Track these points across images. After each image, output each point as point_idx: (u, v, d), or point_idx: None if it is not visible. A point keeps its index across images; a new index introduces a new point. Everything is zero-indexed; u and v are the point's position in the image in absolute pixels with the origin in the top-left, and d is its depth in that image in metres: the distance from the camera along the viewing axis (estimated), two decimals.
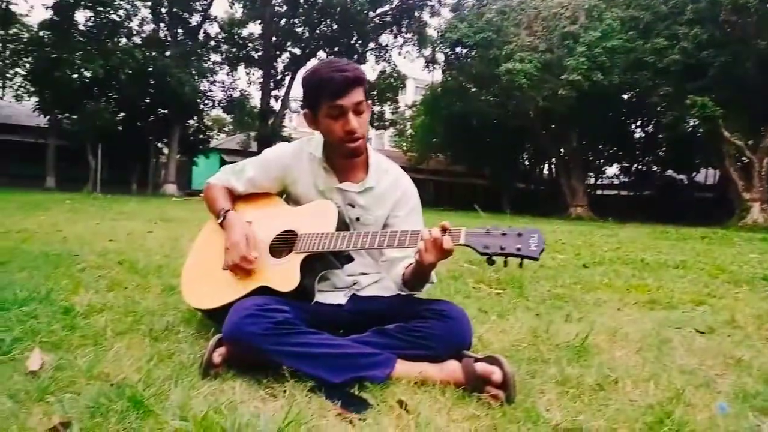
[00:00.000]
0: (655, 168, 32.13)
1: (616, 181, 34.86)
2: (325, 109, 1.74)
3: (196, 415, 1.17)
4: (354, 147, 1.79)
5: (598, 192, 34.20)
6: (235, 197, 2.01)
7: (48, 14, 23.27)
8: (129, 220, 7.61)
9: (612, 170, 34.80)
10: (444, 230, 1.53)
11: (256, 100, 29.77)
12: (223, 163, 29.44)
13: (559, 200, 26.37)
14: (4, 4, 22.00)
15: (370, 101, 1.83)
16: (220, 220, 1.88)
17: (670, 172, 31.58)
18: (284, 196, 2.03)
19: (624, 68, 19.59)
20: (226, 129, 40.43)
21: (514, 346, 2.00)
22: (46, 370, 1.46)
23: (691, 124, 20.96)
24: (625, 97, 23.59)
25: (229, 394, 1.38)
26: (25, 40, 23.60)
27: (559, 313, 2.66)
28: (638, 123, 28.46)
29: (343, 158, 1.85)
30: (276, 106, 29.51)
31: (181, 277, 1.94)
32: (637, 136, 29.77)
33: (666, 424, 1.31)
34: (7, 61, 24.54)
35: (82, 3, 23.19)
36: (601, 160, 31.83)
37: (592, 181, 32.06)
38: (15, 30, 23.30)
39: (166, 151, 27.83)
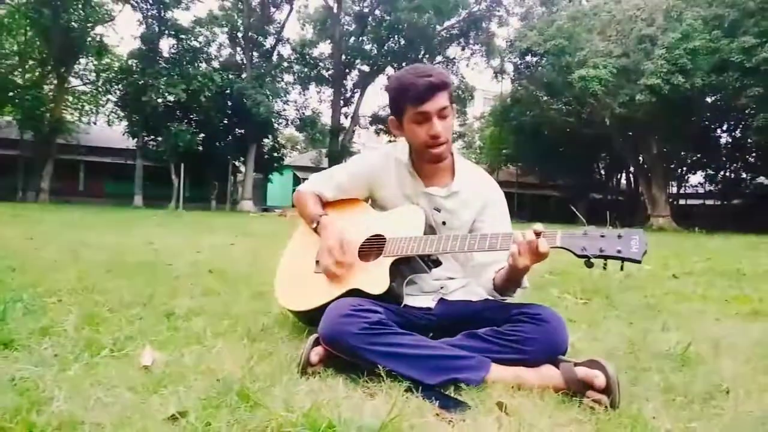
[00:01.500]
0: (744, 175, 30.06)
1: (701, 190, 32.94)
2: (409, 115, 1.76)
3: (302, 408, 1.21)
4: (439, 152, 1.80)
5: (682, 201, 32.47)
6: (324, 203, 2.06)
7: (136, 44, 25.10)
8: (212, 234, 7.98)
9: (696, 178, 32.94)
10: (537, 234, 1.50)
11: (326, 117, 30.59)
12: (296, 180, 30.40)
13: (638, 211, 25.23)
14: (99, 37, 23.86)
15: (455, 105, 1.84)
16: (314, 225, 1.93)
17: (761, 179, 29.43)
18: (370, 201, 2.06)
19: (707, 70, 18.53)
20: (299, 147, 41.74)
21: (610, 354, 1.92)
22: (157, 366, 1.55)
23: None
24: (709, 100, 22.29)
25: (328, 391, 1.41)
26: (116, 69, 25.48)
27: (654, 323, 2.54)
28: (724, 127, 26.75)
29: (429, 163, 1.87)
30: (346, 122, 30.15)
31: (275, 280, 2.01)
32: (723, 141, 27.98)
33: None
34: (101, 89, 26.57)
35: (166, 32, 24.83)
36: (684, 168, 30.15)
37: (674, 190, 30.46)
38: (107, 60, 25.21)
39: (243, 169, 29.07)
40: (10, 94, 22.71)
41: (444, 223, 1.90)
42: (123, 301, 2.40)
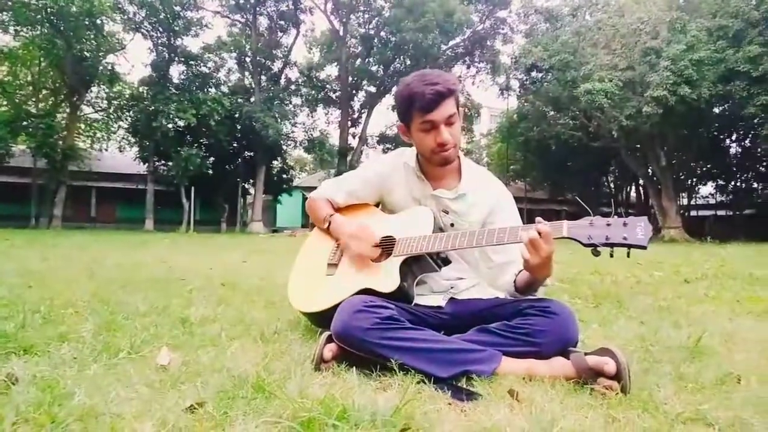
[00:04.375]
0: (755, 184, 29.85)
1: (711, 201, 32.72)
2: (417, 122, 1.80)
3: (317, 397, 1.23)
4: (446, 155, 1.84)
5: (693, 213, 32.23)
6: (336, 209, 2.11)
7: (147, 71, 25.58)
8: (223, 253, 8.04)
9: (707, 189, 32.75)
10: (540, 231, 1.52)
11: (334, 138, 30.83)
12: (305, 201, 30.54)
13: (649, 223, 25.05)
14: (111, 65, 24.35)
15: (462, 108, 1.88)
16: (326, 225, 1.97)
17: None
18: (380, 206, 2.10)
19: (714, 80, 18.55)
20: (308, 168, 42.02)
21: (622, 349, 1.92)
22: (174, 365, 1.59)
23: None
24: (717, 110, 22.29)
25: (342, 384, 1.43)
26: (127, 96, 25.94)
27: (665, 321, 2.54)
28: (733, 137, 26.67)
29: (436, 166, 1.90)
30: (354, 143, 30.37)
31: (288, 284, 2.05)
32: (732, 151, 27.87)
33: None
34: (112, 116, 27.02)
35: (176, 59, 25.30)
36: (694, 179, 30.01)
37: (684, 201, 30.26)
38: (118, 88, 25.68)
39: (252, 191, 29.28)
40: (24, 123, 23.12)
41: (452, 224, 1.92)
42: (138, 311, 2.45)
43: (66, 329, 1.99)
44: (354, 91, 30.57)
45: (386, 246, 1.86)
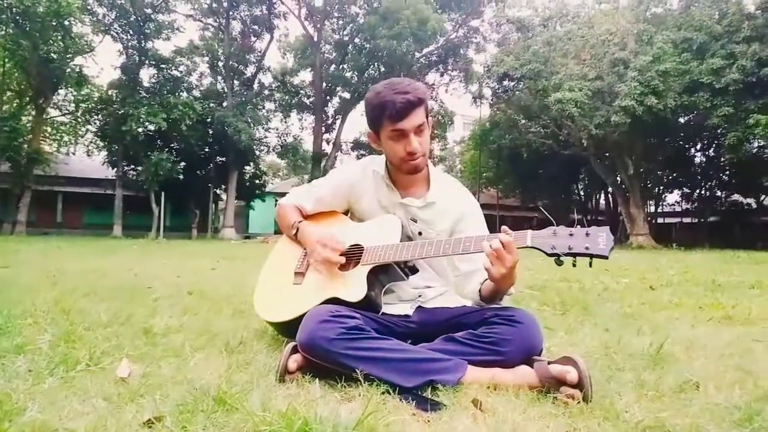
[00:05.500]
0: (719, 193, 30.77)
1: (678, 208, 33.56)
2: (387, 131, 1.80)
3: (279, 409, 1.21)
4: (415, 164, 1.84)
5: (660, 220, 32.99)
6: (304, 216, 2.09)
7: (116, 74, 25.12)
8: (193, 260, 7.91)
9: (673, 197, 33.57)
10: (504, 241, 1.53)
11: (308, 144, 30.73)
12: None
13: (618, 230, 25.59)
14: (78, 68, 23.81)
15: (431, 117, 1.89)
16: (294, 231, 1.96)
17: (736, 196, 30.15)
18: (349, 214, 2.09)
19: (679, 91, 19.08)
20: (281, 173, 41.73)
21: (585, 357, 1.94)
22: (134, 377, 1.55)
23: (755, 144, 20.08)
24: (682, 120, 22.90)
25: (305, 395, 1.41)
26: (95, 99, 25.39)
27: (629, 329, 2.58)
28: (698, 146, 27.46)
29: (405, 174, 1.91)
30: (328, 149, 30.30)
31: (255, 293, 2.02)
32: (697, 160, 28.70)
33: (756, 422, 1.26)
34: (80, 120, 26.41)
35: (147, 62, 24.90)
36: (661, 187, 30.74)
37: (652, 209, 30.97)
38: (87, 90, 25.12)
39: (224, 197, 28.93)
40: None
41: (420, 233, 1.93)
42: (100, 321, 2.38)
43: (23, 340, 1.92)
44: (328, 97, 30.53)
45: (354, 254, 1.86)
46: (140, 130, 23.39)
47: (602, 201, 34.21)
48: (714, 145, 25.56)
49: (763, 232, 26.49)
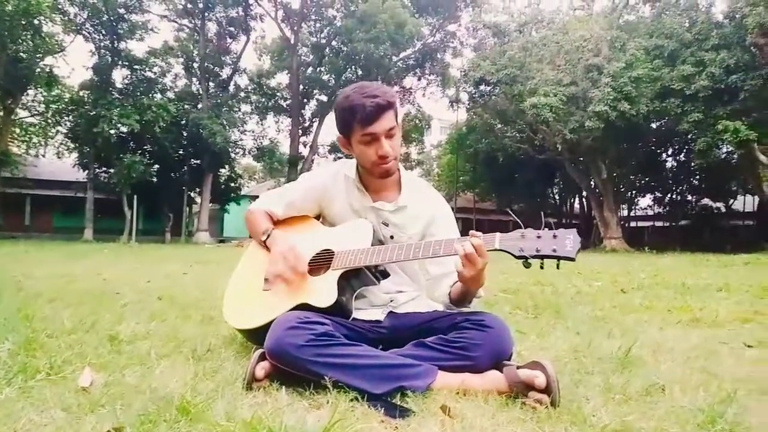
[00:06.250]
0: (689, 197, 31.51)
1: (650, 212, 34.26)
2: (357, 135, 1.79)
3: (244, 418, 1.19)
4: (387, 167, 1.83)
5: (633, 224, 33.59)
6: (275, 221, 2.06)
7: (88, 75, 24.63)
8: (165, 264, 7.78)
9: (645, 201, 34.26)
10: (475, 243, 1.54)
11: (285, 147, 30.56)
12: None
13: (592, 233, 25.99)
14: (49, 68, 23.29)
15: (401, 120, 1.88)
16: (264, 238, 1.93)
17: (706, 200, 30.93)
18: (320, 218, 2.07)
19: (651, 97, 19.48)
20: (257, 176, 41.38)
21: (555, 361, 1.96)
22: (96, 387, 1.50)
23: (724, 150, 20.59)
24: (654, 125, 23.38)
25: (273, 403, 1.39)
26: (66, 100, 24.84)
27: (600, 332, 2.61)
28: (669, 152, 28.07)
29: (377, 178, 1.89)
30: (305, 152, 30.17)
31: (224, 300, 1.98)
32: (668, 165, 29.33)
33: (719, 424, 1.27)
34: (50, 121, 25.81)
35: (120, 63, 24.47)
36: (634, 191, 31.38)
37: (625, 212, 31.54)
38: (57, 91, 24.57)
39: (198, 200, 28.56)
40: None
41: (392, 237, 1.92)
42: (64, 328, 2.31)
43: None
44: (305, 100, 30.42)
45: (324, 259, 1.84)
46: (112, 131, 22.98)
47: (577, 205, 34.71)
48: (685, 151, 26.17)
49: (732, 235, 27.21)
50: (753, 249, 17.17)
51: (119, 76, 25.31)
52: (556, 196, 35.40)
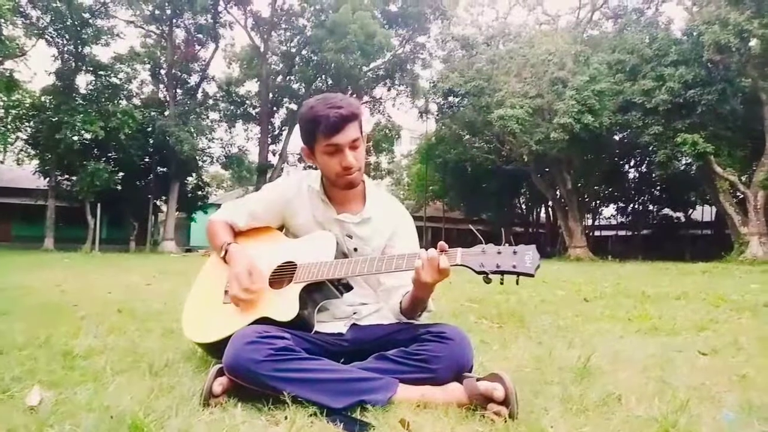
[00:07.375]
0: (651, 207, 32.44)
1: (613, 222, 35.07)
2: (321, 146, 1.78)
3: None
4: (351, 179, 1.83)
5: (597, 233, 34.33)
6: (236, 232, 2.03)
7: (50, 80, 23.95)
8: (128, 275, 7.60)
9: (609, 211, 35.10)
10: (441, 251, 1.56)
11: (254, 155, 30.22)
12: None
13: (558, 242, 26.46)
14: (9, 72, 22.59)
15: (369, 132, 1.88)
16: (222, 254, 1.89)
17: (666, 210, 31.88)
18: (283, 230, 2.05)
19: (613, 110, 20.04)
20: (225, 185, 40.85)
21: (517, 371, 1.98)
22: (45, 405, 1.45)
23: (683, 162, 21.27)
24: (617, 138, 24.04)
25: (230, 420, 1.36)
26: (27, 105, 24.09)
27: (561, 342, 2.65)
28: (631, 163, 28.87)
29: (341, 190, 1.89)
30: (274, 160, 29.92)
31: (183, 313, 1.94)
32: (631, 176, 30.17)
33: None
34: (9, 127, 24.97)
35: (84, 68, 23.90)
36: (598, 201, 32.11)
37: (589, 222, 32.22)
38: (18, 96, 23.82)
39: (164, 208, 28.00)
40: None
41: (356, 249, 1.91)
42: (15, 343, 2.23)
43: None
44: (275, 108, 30.22)
45: (286, 272, 1.82)
46: (75, 138, 22.37)
47: (543, 214, 35.31)
48: (646, 162, 26.94)
49: (691, 244, 28.04)
50: (711, 258, 17.76)
51: (83, 81, 24.70)
52: (523, 206, 35.97)
